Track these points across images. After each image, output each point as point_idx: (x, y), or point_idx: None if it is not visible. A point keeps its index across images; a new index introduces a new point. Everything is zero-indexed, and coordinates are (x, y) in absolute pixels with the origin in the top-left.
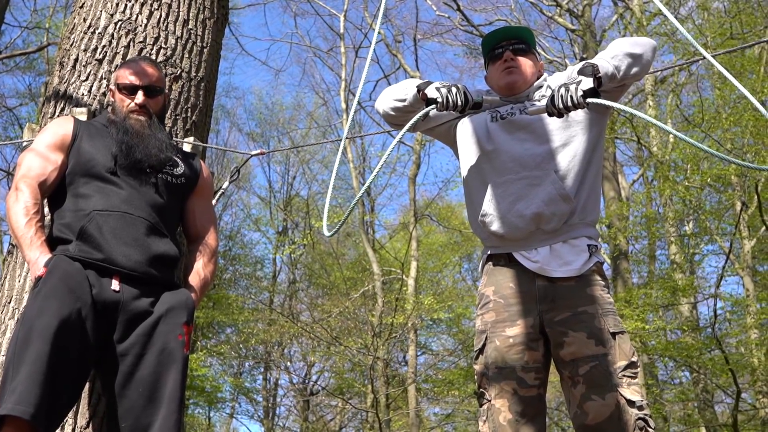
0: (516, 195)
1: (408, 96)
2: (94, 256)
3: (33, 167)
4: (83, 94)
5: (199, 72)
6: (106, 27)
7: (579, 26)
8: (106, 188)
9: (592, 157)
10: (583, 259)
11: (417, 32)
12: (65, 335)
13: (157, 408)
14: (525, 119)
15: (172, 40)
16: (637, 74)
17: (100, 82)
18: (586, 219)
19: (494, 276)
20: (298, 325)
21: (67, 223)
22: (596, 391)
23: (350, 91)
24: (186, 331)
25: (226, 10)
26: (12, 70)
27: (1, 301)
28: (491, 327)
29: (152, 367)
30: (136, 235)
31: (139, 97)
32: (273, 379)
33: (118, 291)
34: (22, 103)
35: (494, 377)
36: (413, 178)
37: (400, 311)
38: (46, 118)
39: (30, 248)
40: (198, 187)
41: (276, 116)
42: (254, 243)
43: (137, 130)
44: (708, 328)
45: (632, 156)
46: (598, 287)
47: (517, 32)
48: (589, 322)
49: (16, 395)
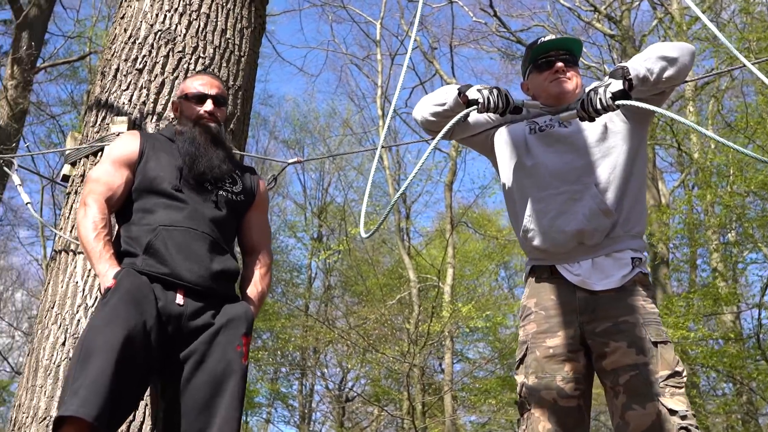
0: (557, 210)
1: (448, 100)
2: (160, 270)
3: (101, 183)
4: (124, 103)
5: (237, 81)
6: (146, 37)
7: (617, 31)
8: (171, 204)
9: (633, 168)
10: (624, 272)
11: (453, 39)
12: (130, 345)
13: (213, 415)
14: (563, 132)
15: (210, 49)
16: (671, 78)
17: (140, 91)
18: (631, 231)
19: (536, 288)
20: (335, 331)
21: (134, 236)
22: (637, 401)
23: (386, 98)
24: (245, 342)
25: (263, 20)
26: (55, 78)
27: (45, 306)
28: (532, 338)
29: (210, 376)
30: (199, 251)
31: (208, 105)
32: (309, 385)
33: (182, 305)
34: (65, 111)
35: (534, 387)
36: (449, 185)
37: (437, 319)
38: (88, 127)
39: (99, 261)
40: (255, 203)
41: (311, 123)
42: (290, 249)
43: (206, 137)
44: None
45: (672, 162)
46: (640, 297)
47: (567, 44)
48: (630, 331)
49: (79, 398)
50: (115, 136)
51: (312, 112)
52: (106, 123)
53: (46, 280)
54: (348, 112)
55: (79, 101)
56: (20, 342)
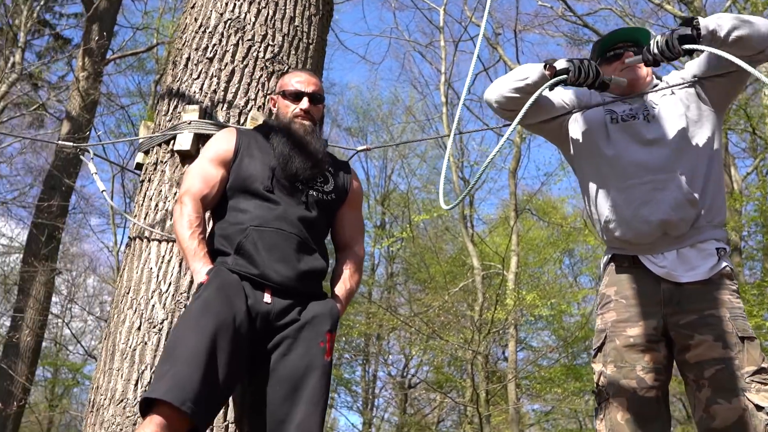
0: (640, 200)
1: (531, 74)
2: (249, 271)
3: (196, 182)
4: (195, 91)
5: (305, 68)
6: (216, 26)
7: (689, 13)
8: (261, 204)
9: (713, 155)
10: (710, 264)
11: (518, 24)
12: (220, 336)
13: (295, 406)
14: (645, 122)
15: (279, 37)
16: (742, 39)
17: (211, 80)
18: (714, 221)
19: (617, 277)
20: (399, 318)
21: (226, 235)
22: (722, 395)
23: (449, 84)
24: (328, 338)
25: (331, 6)
26: (124, 70)
27: (121, 291)
28: (611, 326)
29: (292, 369)
30: (288, 252)
31: (304, 102)
32: (372, 371)
33: (270, 303)
34: (133, 102)
35: (614, 376)
36: (513, 172)
37: (501, 306)
38: (160, 116)
39: (194, 259)
40: (348, 200)
41: (374, 111)
42: None
43: (300, 135)
44: None
45: (745, 147)
46: (727, 291)
47: (634, 35)
48: (716, 325)
49: (166, 383)
50: (187, 124)
51: (375, 99)
52: (177, 112)
53: (122, 266)
54: (411, 100)
55: (147, 92)
56: (92, 326)
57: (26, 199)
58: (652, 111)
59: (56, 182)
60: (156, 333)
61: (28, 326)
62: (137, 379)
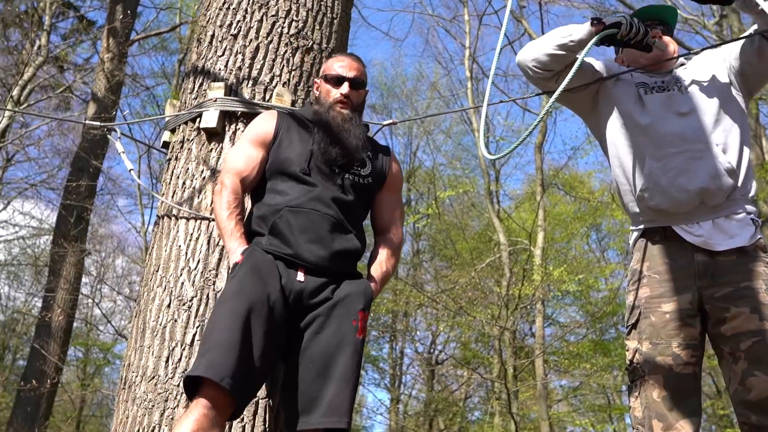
0: (678, 169)
1: (576, 31)
2: (283, 251)
3: (237, 163)
4: (220, 68)
5: (330, 43)
6: (240, 2)
7: None
8: (298, 187)
9: (743, 131)
10: (749, 233)
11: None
12: (254, 315)
13: (327, 384)
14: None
15: (303, 12)
16: None
17: (236, 56)
18: (747, 194)
19: (649, 252)
20: (426, 294)
21: (262, 215)
22: (759, 367)
23: (474, 59)
24: (361, 317)
25: None
26: (147, 51)
27: (150, 270)
28: (645, 303)
29: (324, 347)
30: (321, 233)
31: (344, 87)
32: (399, 348)
33: (303, 282)
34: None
35: (649, 353)
36: (539, 147)
37: (528, 282)
38: (186, 94)
39: (230, 239)
40: (386, 184)
41: (398, 88)
42: None
43: (338, 123)
44: None
45: None
46: (762, 263)
47: (660, 13)
48: (752, 297)
49: (206, 361)
50: (213, 102)
51: (399, 76)
52: (203, 89)
53: (150, 245)
54: (435, 75)
55: (171, 73)
56: (122, 306)
57: (55, 181)
58: (684, 84)
59: (84, 164)
60: (185, 310)
61: (59, 306)
62: (168, 356)
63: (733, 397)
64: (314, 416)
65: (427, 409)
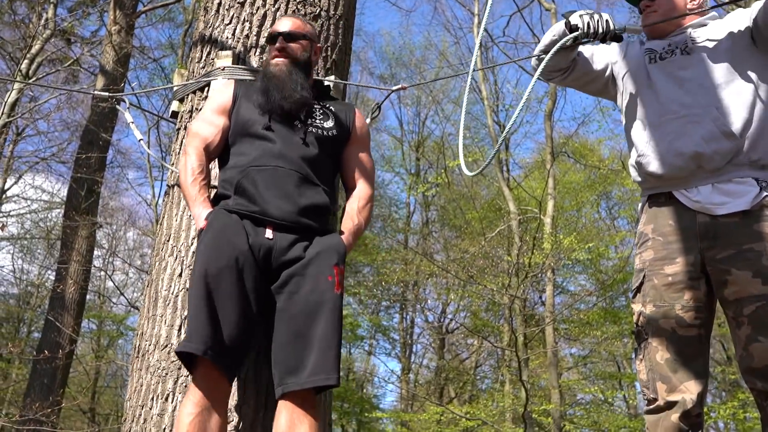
0: (675, 133)
1: (556, 30)
2: (250, 208)
3: (199, 132)
4: (227, 37)
5: (337, 10)
6: None
7: None
8: (261, 145)
9: (758, 94)
10: (751, 193)
11: None
12: (222, 280)
13: (309, 346)
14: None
15: None
16: None
17: (243, 24)
18: (758, 162)
19: (653, 214)
20: (436, 264)
21: (227, 178)
22: (763, 333)
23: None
24: (336, 272)
25: None
26: (154, 23)
27: (161, 239)
28: (650, 265)
29: (302, 306)
30: (287, 188)
31: (278, 42)
32: (409, 318)
33: (272, 239)
34: (165, 55)
35: (653, 316)
36: (549, 115)
37: (538, 250)
38: (194, 63)
39: (195, 205)
40: (352, 138)
41: (407, 57)
42: (386, 183)
43: (275, 73)
44: None
45: None
46: (767, 224)
47: None
48: (755, 260)
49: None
50: (221, 70)
51: (407, 45)
52: (211, 58)
53: (161, 215)
54: (444, 44)
55: (178, 45)
56: (134, 278)
57: (65, 154)
58: (691, 44)
59: (93, 137)
60: None
61: (72, 279)
62: (180, 325)
63: (739, 362)
64: (302, 376)
65: (438, 378)
